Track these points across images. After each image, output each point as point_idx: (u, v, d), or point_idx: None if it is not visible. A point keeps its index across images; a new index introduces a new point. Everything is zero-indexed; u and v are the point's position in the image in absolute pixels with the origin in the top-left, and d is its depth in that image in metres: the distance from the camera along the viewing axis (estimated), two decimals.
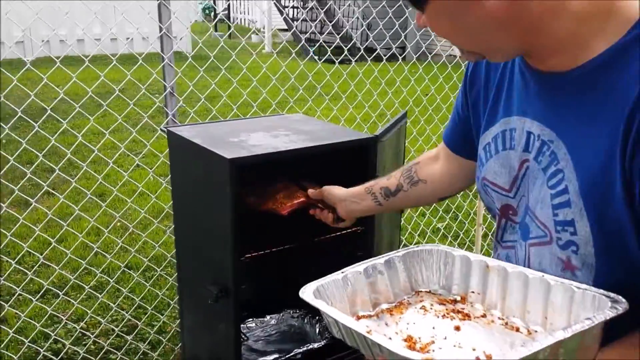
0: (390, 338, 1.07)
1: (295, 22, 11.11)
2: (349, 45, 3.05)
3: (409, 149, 3.52)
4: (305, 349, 2.07)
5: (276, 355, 2.07)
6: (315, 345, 2.10)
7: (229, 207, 1.70)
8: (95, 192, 4.29)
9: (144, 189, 2.83)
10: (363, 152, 1.94)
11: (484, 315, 1.13)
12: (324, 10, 7.89)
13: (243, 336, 2.13)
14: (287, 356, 2.04)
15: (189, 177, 1.99)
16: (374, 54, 3.01)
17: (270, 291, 2.40)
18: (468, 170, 1.39)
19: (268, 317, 2.34)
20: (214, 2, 16.70)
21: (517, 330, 1.07)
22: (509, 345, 1.03)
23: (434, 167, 1.49)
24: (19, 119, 2.60)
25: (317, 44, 6.72)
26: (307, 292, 1.09)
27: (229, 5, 17.13)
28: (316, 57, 9.65)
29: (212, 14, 16.22)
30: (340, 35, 3.13)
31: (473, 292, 1.18)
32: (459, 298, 1.19)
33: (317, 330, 2.24)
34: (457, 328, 1.09)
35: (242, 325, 2.29)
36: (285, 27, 13.24)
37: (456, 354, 1.02)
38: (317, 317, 2.27)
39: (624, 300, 0.92)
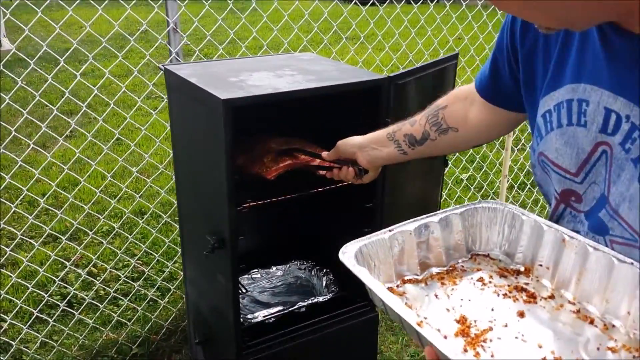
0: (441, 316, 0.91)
1: None
2: None
3: None
4: (309, 302, 1.98)
5: (279, 308, 1.98)
6: (320, 299, 2.01)
7: (223, 152, 1.57)
8: (111, 138, 4.23)
9: (148, 133, 2.71)
10: (374, 95, 1.77)
11: (552, 297, 0.96)
12: None
13: (242, 288, 2.04)
14: (289, 309, 1.95)
15: (186, 119, 1.86)
16: None
17: (275, 242, 2.30)
18: (508, 119, 1.21)
19: (274, 268, 2.25)
20: None
21: (592, 322, 0.90)
22: (582, 347, 0.86)
23: (466, 113, 1.29)
24: (40, 60, 2.49)
25: None
26: (348, 255, 0.94)
27: None
28: None
29: None
30: None
31: (541, 264, 1.00)
32: (522, 269, 1.03)
33: (324, 282, 2.14)
34: (521, 314, 0.93)
35: (247, 276, 2.21)
36: None
37: (519, 352, 0.86)
38: (324, 270, 2.17)
39: None
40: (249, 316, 1.92)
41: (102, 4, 2.22)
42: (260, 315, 1.92)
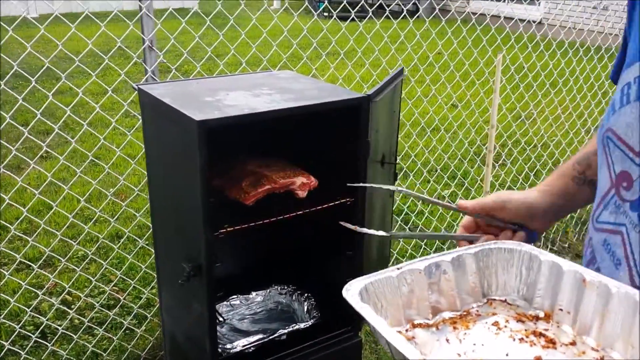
0: None
1: None
2: (361, 2, 2.77)
3: (413, 110, 3.29)
4: (290, 329, 1.90)
5: (260, 336, 1.90)
6: (302, 325, 1.93)
7: (198, 175, 1.50)
8: (85, 157, 4.13)
9: (123, 155, 2.63)
10: (353, 113, 1.73)
11: (573, 343, 0.89)
12: None
13: (220, 317, 1.97)
14: (270, 337, 1.87)
15: (161, 141, 1.79)
16: (385, 14, 2.73)
17: (255, 266, 2.23)
18: None
19: (254, 293, 2.17)
20: None
21: None
22: None
23: None
24: (17, 79, 2.40)
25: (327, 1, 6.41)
26: (352, 292, 0.86)
27: None
28: (326, 14, 9.33)
29: None
30: None
31: (561, 309, 0.93)
32: (542, 314, 0.95)
33: (305, 307, 2.07)
34: (538, 359, 0.86)
35: (225, 303, 2.13)
36: None
37: None
38: (305, 294, 2.10)
39: None
40: (228, 346, 1.84)
41: (77, 20, 2.15)
42: (240, 344, 1.85)
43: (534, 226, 1.15)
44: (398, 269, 0.93)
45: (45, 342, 2.41)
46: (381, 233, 1.16)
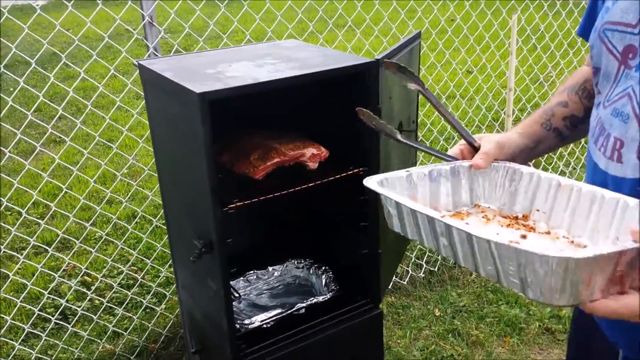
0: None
1: None
2: None
3: (426, 76, 3.20)
4: (309, 302, 1.88)
5: (278, 311, 1.88)
6: (320, 298, 1.91)
7: (203, 150, 1.46)
8: (100, 141, 4.12)
9: (130, 134, 2.61)
10: (362, 79, 1.66)
11: (547, 232, 1.08)
12: None
13: (235, 293, 1.94)
14: (288, 311, 1.85)
15: (164, 117, 1.76)
16: None
17: (270, 241, 2.20)
18: None
19: (271, 268, 2.15)
20: None
21: (585, 247, 1.01)
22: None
23: None
24: (26, 67, 2.37)
25: None
26: (371, 182, 1.09)
27: None
28: None
29: None
30: None
31: (538, 210, 1.12)
32: (520, 215, 1.14)
33: (324, 281, 2.04)
34: (524, 237, 1.05)
35: (242, 279, 2.11)
36: None
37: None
38: (323, 268, 2.07)
39: None
40: (246, 321, 1.81)
41: (80, 4, 2.12)
42: (258, 319, 1.82)
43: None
44: (407, 171, 1.14)
45: (65, 324, 2.42)
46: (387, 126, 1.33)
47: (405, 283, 2.94)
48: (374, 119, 1.29)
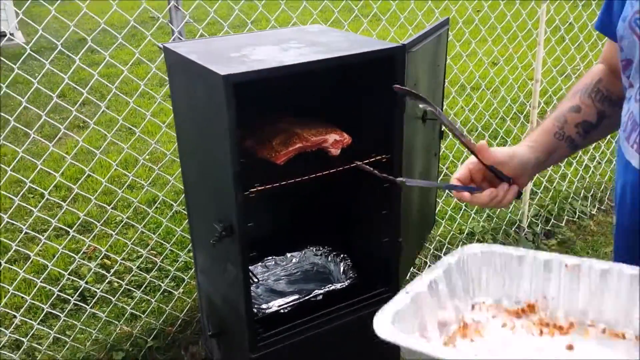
0: None
1: None
2: None
3: (451, 66, 3.16)
4: (326, 289, 1.87)
5: (295, 297, 1.88)
6: (338, 285, 1.90)
7: (227, 133, 1.46)
8: (123, 126, 4.14)
9: (153, 119, 2.61)
10: (388, 65, 1.64)
11: (571, 325, 0.96)
12: None
13: (254, 278, 1.94)
14: (305, 297, 1.84)
15: (188, 101, 1.75)
16: None
17: (289, 227, 2.19)
18: None
19: (289, 255, 2.14)
20: None
21: (624, 337, 0.92)
22: None
23: (617, 78, 1.14)
24: (52, 52, 2.38)
25: None
26: (385, 328, 0.89)
27: None
28: None
29: None
30: None
31: (545, 297, 0.99)
32: (525, 306, 1.00)
33: (342, 268, 2.03)
34: (570, 347, 0.92)
35: (260, 264, 2.11)
36: None
37: None
38: (341, 255, 2.06)
39: None
40: (264, 306, 1.81)
41: None
42: (275, 305, 1.82)
43: (522, 181, 1.18)
44: (407, 292, 0.94)
45: (84, 305, 2.44)
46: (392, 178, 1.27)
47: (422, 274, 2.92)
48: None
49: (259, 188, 1.58)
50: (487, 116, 3.44)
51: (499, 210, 3.24)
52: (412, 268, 2.87)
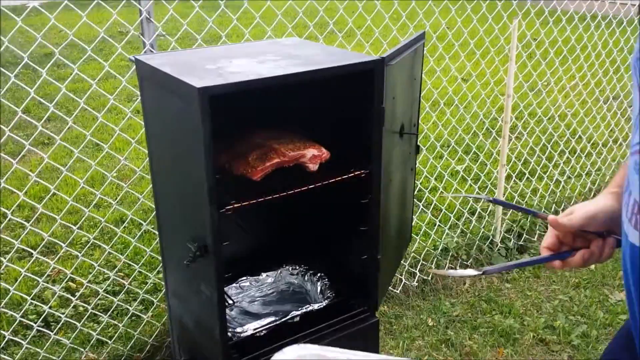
0: None
1: None
2: None
3: (425, 81, 3.15)
4: (304, 310, 1.80)
5: (272, 319, 1.80)
6: (316, 306, 1.83)
7: (202, 147, 1.39)
8: (90, 143, 4.02)
9: (123, 134, 2.52)
10: (366, 78, 1.60)
11: None
12: None
13: (229, 299, 1.86)
14: (282, 319, 1.77)
15: (161, 114, 1.68)
16: None
17: (264, 246, 2.12)
18: None
19: (264, 274, 2.07)
20: None
21: None
22: None
23: None
24: (16, 67, 2.28)
25: None
26: None
27: None
28: None
29: None
30: None
31: None
32: None
33: (319, 288, 1.96)
34: None
35: (235, 285, 2.03)
36: None
37: None
38: (318, 274, 2.00)
39: None
40: (238, 330, 1.74)
41: (74, 3, 2.04)
42: (251, 327, 1.75)
43: (618, 231, 1.05)
44: None
45: (48, 331, 2.32)
46: (470, 272, 1.06)
47: (398, 292, 2.87)
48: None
49: (235, 205, 1.51)
50: (460, 131, 3.44)
51: (472, 225, 3.23)
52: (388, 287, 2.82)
